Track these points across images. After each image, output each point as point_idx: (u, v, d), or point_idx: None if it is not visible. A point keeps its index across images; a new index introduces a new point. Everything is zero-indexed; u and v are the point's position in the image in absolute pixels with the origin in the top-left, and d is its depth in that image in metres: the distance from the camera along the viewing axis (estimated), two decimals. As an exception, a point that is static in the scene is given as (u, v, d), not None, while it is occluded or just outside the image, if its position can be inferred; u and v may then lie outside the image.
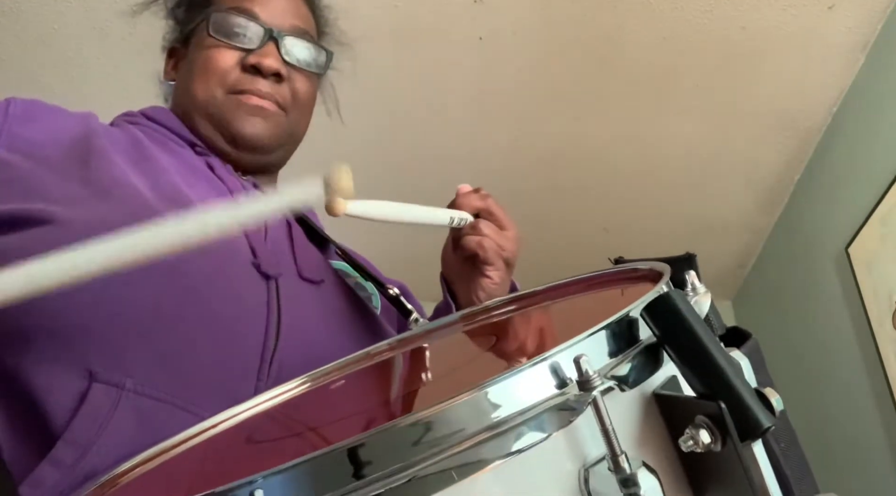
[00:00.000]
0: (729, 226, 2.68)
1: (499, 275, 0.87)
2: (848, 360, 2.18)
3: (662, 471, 0.37)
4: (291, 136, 0.99)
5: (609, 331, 0.38)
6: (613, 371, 0.37)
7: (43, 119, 0.82)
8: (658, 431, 0.38)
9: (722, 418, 0.34)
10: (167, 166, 0.84)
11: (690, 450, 0.35)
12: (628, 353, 0.39)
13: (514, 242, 0.88)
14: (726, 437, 0.34)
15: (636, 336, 0.40)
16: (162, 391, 0.66)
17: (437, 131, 2.30)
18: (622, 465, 0.34)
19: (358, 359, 0.72)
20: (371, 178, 2.46)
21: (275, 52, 0.94)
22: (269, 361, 0.73)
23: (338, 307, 0.86)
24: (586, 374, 0.34)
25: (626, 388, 0.37)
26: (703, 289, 0.46)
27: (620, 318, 0.39)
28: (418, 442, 0.34)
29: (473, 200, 0.87)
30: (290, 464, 0.34)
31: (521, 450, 0.35)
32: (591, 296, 0.63)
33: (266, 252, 0.80)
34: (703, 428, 0.35)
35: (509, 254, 0.87)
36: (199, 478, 0.55)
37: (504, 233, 0.87)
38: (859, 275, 2.08)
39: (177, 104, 0.98)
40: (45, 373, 0.65)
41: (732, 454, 0.35)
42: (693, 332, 0.37)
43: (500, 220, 0.87)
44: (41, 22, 1.91)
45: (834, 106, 2.20)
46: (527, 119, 2.26)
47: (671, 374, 0.40)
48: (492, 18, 1.98)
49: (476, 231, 0.86)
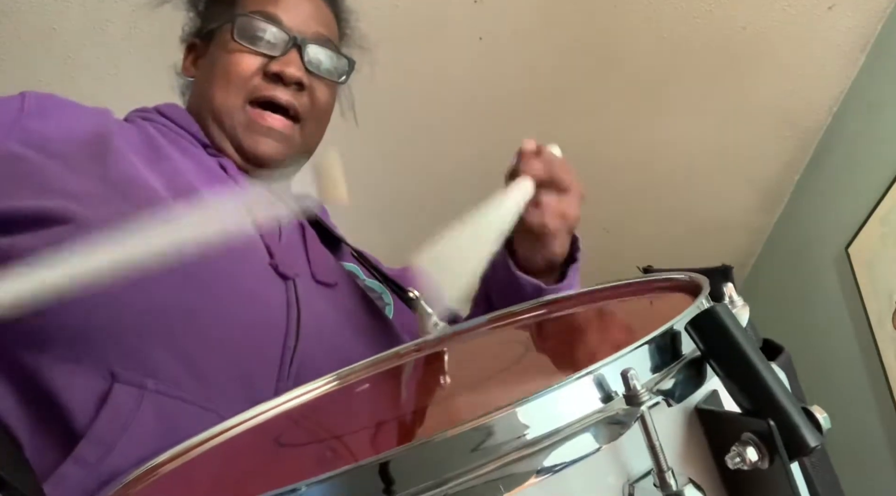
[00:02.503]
0: (729, 226, 2.68)
1: (560, 244, 0.86)
2: (848, 360, 2.18)
3: (706, 487, 0.36)
4: (304, 150, 0.98)
5: (654, 345, 0.38)
6: (658, 385, 0.37)
7: (58, 114, 0.81)
8: (700, 447, 0.38)
9: (771, 436, 0.34)
10: (182, 166, 0.84)
11: (737, 467, 0.35)
12: (671, 368, 0.38)
13: (577, 206, 0.85)
14: (774, 455, 0.34)
15: (679, 350, 0.39)
16: (184, 391, 0.66)
17: (436, 131, 2.29)
18: (668, 482, 0.34)
19: (386, 359, 0.71)
20: (370, 178, 2.46)
21: (297, 59, 0.93)
22: (290, 361, 0.73)
23: (351, 310, 0.86)
24: (634, 389, 0.34)
25: (673, 403, 0.37)
26: (740, 301, 0.46)
27: (664, 332, 0.39)
28: (476, 449, 0.34)
29: (536, 169, 0.83)
30: (333, 474, 0.34)
31: (566, 464, 0.34)
32: (618, 305, 0.62)
33: (282, 253, 0.80)
34: (751, 445, 0.35)
35: (572, 222, 0.85)
36: (223, 479, 0.55)
37: (566, 198, 0.84)
38: (859, 276, 2.08)
39: (193, 103, 0.97)
40: (66, 374, 0.65)
41: (778, 472, 0.35)
42: (740, 348, 0.36)
43: (564, 185, 0.83)
44: (41, 22, 1.90)
45: (834, 106, 2.20)
46: (526, 119, 2.26)
47: (712, 389, 0.40)
48: (492, 18, 1.97)
49: (538, 206, 0.83)
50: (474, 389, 0.56)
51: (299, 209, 0.94)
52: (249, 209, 0.82)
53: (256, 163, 0.93)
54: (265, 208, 0.85)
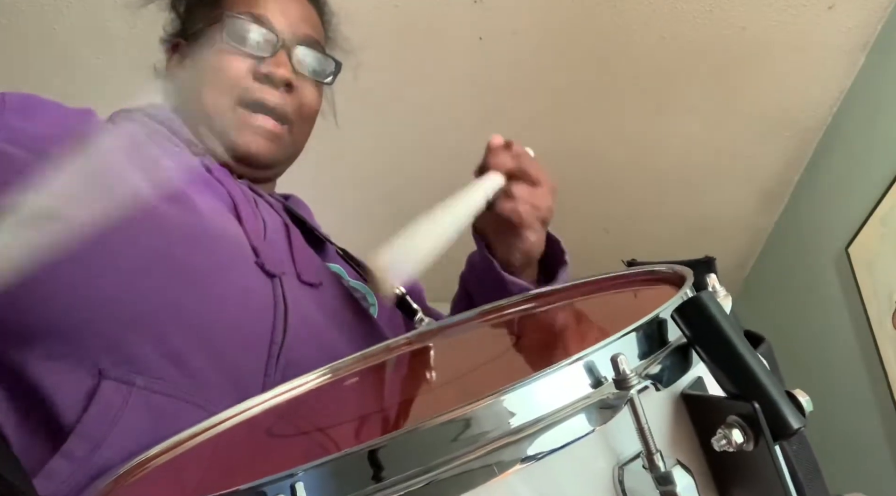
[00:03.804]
0: (729, 226, 2.68)
1: (536, 235, 0.87)
2: (848, 360, 2.18)
3: (693, 469, 0.37)
4: (293, 151, 0.99)
5: (641, 332, 0.39)
6: (647, 371, 0.37)
7: (40, 113, 0.81)
8: (686, 430, 0.39)
9: (755, 418, 0.34)
10: (166, 166, 0.84)
11: (723, 449, 0.35)
12: (658, 354, 0.39)
13: (550, 198, 0.87)
14: (759, 437, 0.35)
15: (665, 337, 0.40)
16: (172, 387, 0.67)
17: (436, 131, 2.30)
18: (657, 464, 0.34)
19: (376, 353, 0.72)
20: (369, 178, 2.47)
21: (286, 61, 0.93)
22: (277, 357, 0.73)
23: (336, 309, 0.86)
24: (623, 373, 0.35)
25: (661, 388, 0.37)
26: (723, 291, 0.47)
27: (651, 320, 0.39)
28: (456, 438, 0.34)
29: (506, 161, 0.85)
30: (322, 461, 0.34)
31: (556, 448, 0.35)
32: (603, 298, 0.63)
33: (267, 252, 0.80)
34: (736, 427, 0.35)
35: (545, 213, 0.87)
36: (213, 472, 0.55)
37: (538, 190, 0.86)
38: (859, 276, 2.08)
39: (179, 103, 0.97)
40: (52, 370, 0.65)
41: (763, 453, 0.35)
42: (725, 334, 0.37)
43: (534, 178, 0.85)
44: (41, 22, 1.91)
45: (834, 106, 2.21)
46: (526, 119, 2.26)
47: (698, 375, 0.40)
48: (492, 18, 1.98)
49: (510, 197, 0.84)
50: (463, 380, 0.56)
51: (283, 208, 0.95)
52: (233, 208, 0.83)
53: (247, 162, 0.93)
54: (250, 207, 0.86)
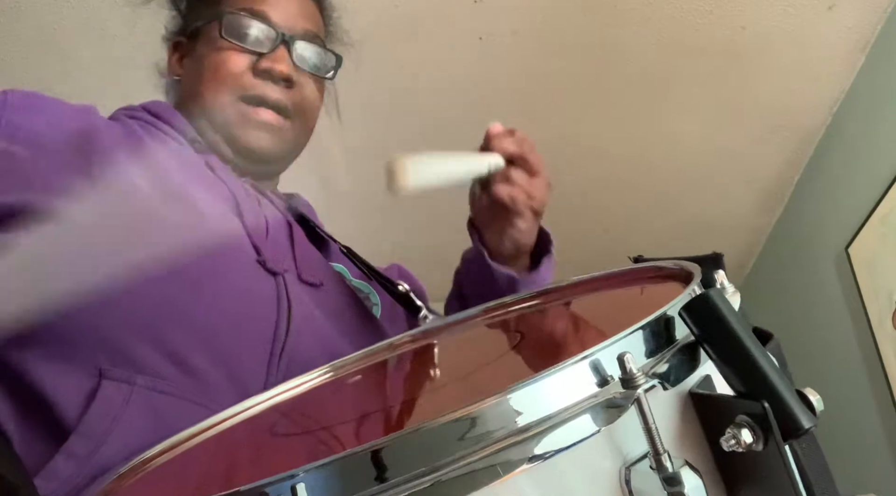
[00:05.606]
0: (729, 225, 2.68)
1: (527, 225, 0.87)
2: (848, 360, 2.18)
3: (701, 470, 0.36)
4: (296, 146, 0.98)
5: (648, 330, 0.38)
6: (654, 369, 0.37)
7: (43, 110, 0.81)
8: (694, 430, 0.38)
9: (765, 418, 0.34)
10: (167, 165, 0.83)
11: (732, 449, 0.35)
12: (666, 353, 0.38)
13: (544, 190, 0.87)
14: (769, 437, 0.34)
15: (673, 335, 0.39)
16: (173, 387, 0.67)
17: (436, 131, 2.29)
18: (665, 464, 0.34)
19: (379, 351, 0.71)
20: (369, 177, 2.46)
21: (286, 56, 0.93)
22: (279, 355, 0.73)
23: (338, 309, 0.86)
24: (630, 372, 0.34)
25: (668, 387, 0.36)
26: (731, 288, 0.46)
27: (658, 317, 0.39)
28: (462, 438, 0.34)
29: (508, 145, 0.85)
30: (325, 461, 0.34)
31: (563, 448, 0.34)
32: (608, 295, 0.62)
33: (269, 250, 0.80)
34: (745, 427, 0.34)
35: (538, 204, 0.87)
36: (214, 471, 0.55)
37: (534, 180, 0.86)
38: (859, 276, 2.08)
39: (181, 102, 0.97)
40: (53, 370, 0.65)
41: (772, 454, 0.35)
42: (734, 332, 0.36)
43: (533, 167, 0.86)
44: (41, 22, 1.90)
45: (834, 106, 2.20)
46: (526, 119, 2.25)
47: (705, 374, 0.40)
48: (492, 18, 1.97)
49: (507, 180, 0.85)
50: (468, 378, 0.56)
51: (287, 207, 0.95)
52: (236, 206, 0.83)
53: (250, 157, 0.93)
54: (252, 206, 0.85)
